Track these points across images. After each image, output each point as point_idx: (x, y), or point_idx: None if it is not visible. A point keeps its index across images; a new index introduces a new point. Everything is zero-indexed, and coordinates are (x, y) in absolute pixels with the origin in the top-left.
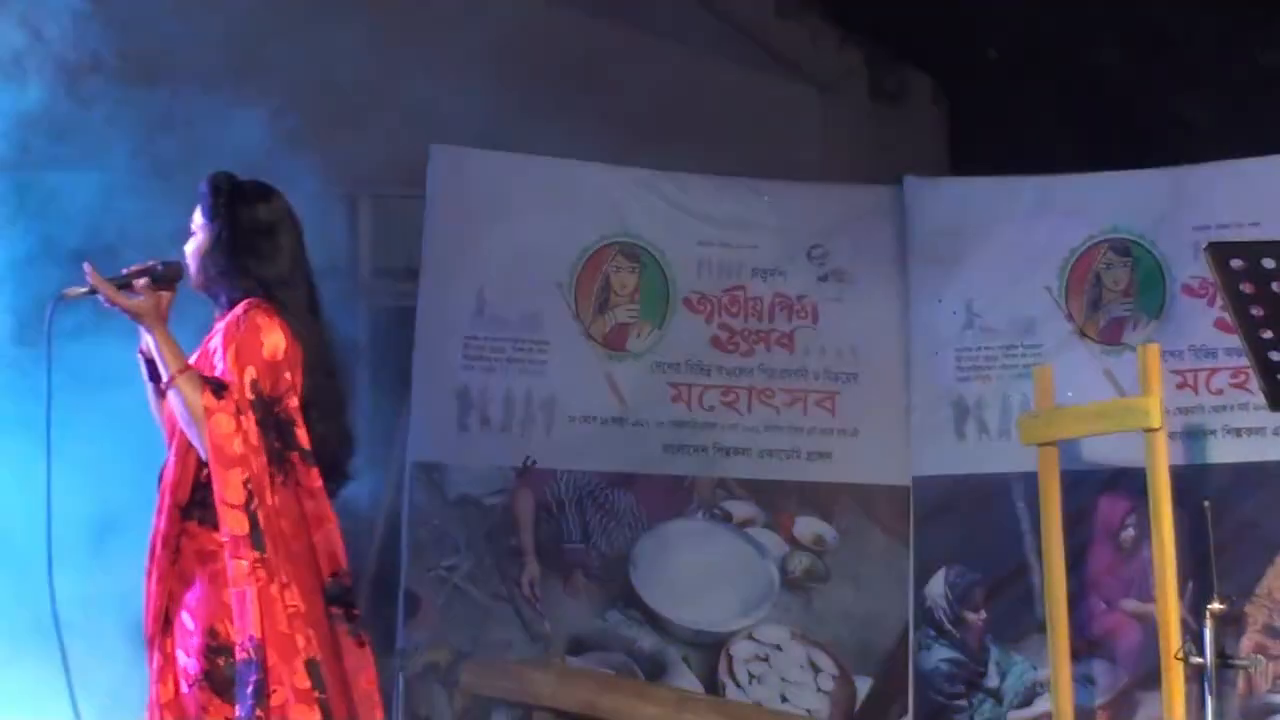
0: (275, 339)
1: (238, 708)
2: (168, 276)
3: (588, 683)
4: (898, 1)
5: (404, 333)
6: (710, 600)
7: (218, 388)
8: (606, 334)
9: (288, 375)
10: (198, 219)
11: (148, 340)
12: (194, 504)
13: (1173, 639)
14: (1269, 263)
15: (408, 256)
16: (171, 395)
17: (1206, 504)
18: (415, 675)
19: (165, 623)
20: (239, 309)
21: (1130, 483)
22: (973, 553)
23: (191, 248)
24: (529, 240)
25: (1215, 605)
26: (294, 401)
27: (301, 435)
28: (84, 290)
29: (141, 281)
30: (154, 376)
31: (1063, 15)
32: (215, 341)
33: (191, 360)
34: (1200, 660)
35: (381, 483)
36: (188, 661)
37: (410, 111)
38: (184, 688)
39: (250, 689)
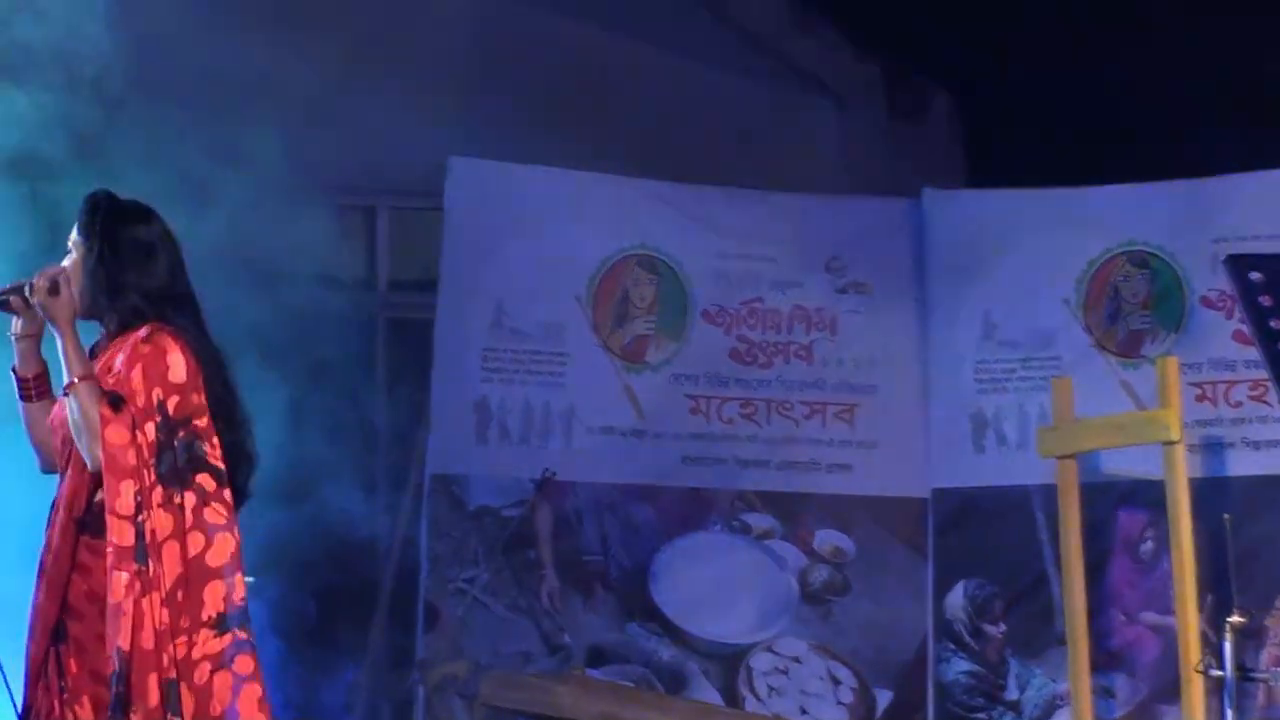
0: (180, 361)
1: (111, 716)
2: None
3: (607, 695)
4: (915, 15)
5: (422, 345)
6: (729, 612)
7: (115, 400)
8: (625, 346)
9: (194, 397)
10: (74, 237)
11: (60, 333)
12: (91, 520)
13: (1192, 652)
14: None
15: (426, 269)
16: (69, 400)
17: (1226, 517)
18: (434, 687)
19: (65, 638)
20: (141, 332)
21: (1149, 495)
22: (992, 565)
23: (67, 264)
24: (547, 252)
25: (1235, 618)
26: (203, 421)
27: (212, 455)
28: None
29: (16, 299)
30: (24, 395)
31: (1079, 29)
32: (118, 363)
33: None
34: (1220, 673)
35: (400, 495)
36: (103, 684)
37: (427, 125)
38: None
39: (117, 699)
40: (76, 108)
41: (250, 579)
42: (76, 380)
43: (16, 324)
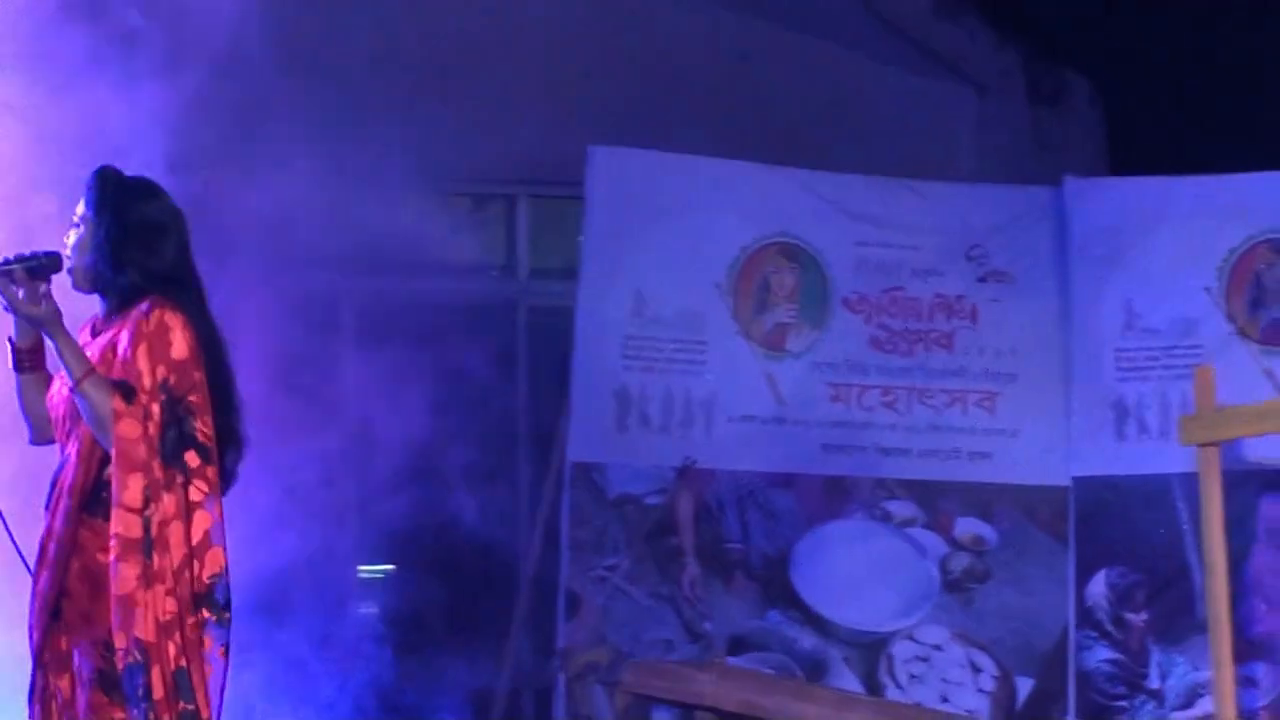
0: (183, 337)
1: (131, 711)
2: (47, 267)
3: (748, 683)
4: (1056, 3)
5: (563, 333)
6: (870, 600)
7: (127, 392)
8: (765, 334)
9: (194, 374)
10: (81, 210)
11: (52, 336)
12: (96, 500)
13: None
14: None
15: (566, 257)
16: (78, 400)
17: None
18: (575, 675)
19: (60, 617)
20: (143, 306)
21: None
22: (1133, 553)
23: (73, 239)
24: (687, 240)
25: None
26: (197, 398)
27: (203, 432)
28: None
29: (20, 271)
30: (19, 366)
31: (1220, 15)
32: (121, 339)
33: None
34: None
35: (541, 483)
36: (82, 661)
37: (568, 113)
38: (78, 688)
39: (139, 692)
40: (221, 100)
41: (388, 568)
42: (80, 379)
43: (19, 294)
